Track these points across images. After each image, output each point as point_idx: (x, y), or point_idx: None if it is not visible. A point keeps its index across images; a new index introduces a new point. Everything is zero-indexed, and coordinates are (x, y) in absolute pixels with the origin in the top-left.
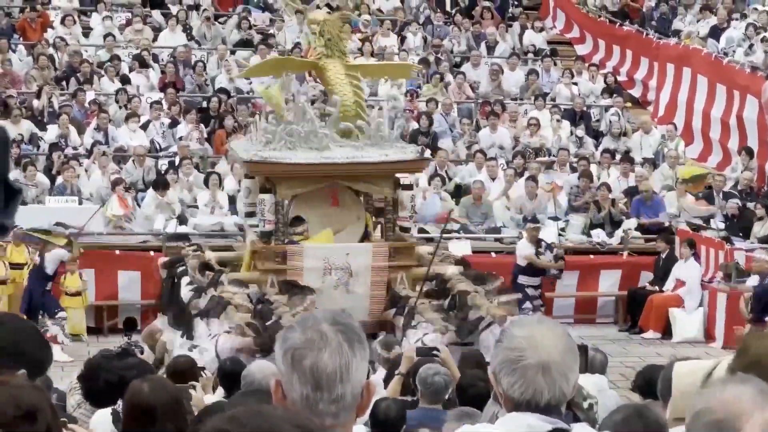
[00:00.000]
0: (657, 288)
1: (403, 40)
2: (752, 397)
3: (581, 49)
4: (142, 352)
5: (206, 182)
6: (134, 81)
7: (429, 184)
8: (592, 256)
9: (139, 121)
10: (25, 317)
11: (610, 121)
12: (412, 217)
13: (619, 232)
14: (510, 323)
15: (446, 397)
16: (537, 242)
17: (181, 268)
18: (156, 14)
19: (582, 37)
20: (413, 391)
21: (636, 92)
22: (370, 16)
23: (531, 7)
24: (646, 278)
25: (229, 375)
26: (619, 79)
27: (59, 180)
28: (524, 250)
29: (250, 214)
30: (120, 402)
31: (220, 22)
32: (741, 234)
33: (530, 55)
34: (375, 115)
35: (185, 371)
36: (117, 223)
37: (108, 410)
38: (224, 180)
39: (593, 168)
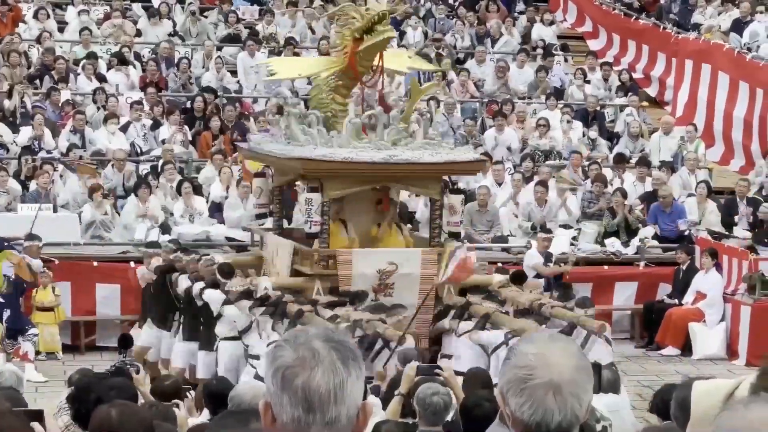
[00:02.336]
0: (676, 301)
1: (402, 34)
2: None
3: (594, 45)
4: (138, 372)
5: (179, 190)
6: (113, 79)
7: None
8: (606, 267)
9: (119, 122)
10: None
11: (626, 122)
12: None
13: (635, 241)
14: (519, 340)
15: (447, 418)
16: (547, 255)
17: (175, 275)
18: (136, 7)
19: (595, 32)
20: (414, 413)
21: (652, 91)
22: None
23: None
24: (664, 291)
25: (216, 395)
26: (635, 76)
27: (32, 186)
28: (533, 260)
29: (261, 216)
30: None
31: (205, 16)
32: (766, 241)
33: (539, 51)
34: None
35: (171, 392)
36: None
37: None
38: (210, 186)
39: (606, 172)
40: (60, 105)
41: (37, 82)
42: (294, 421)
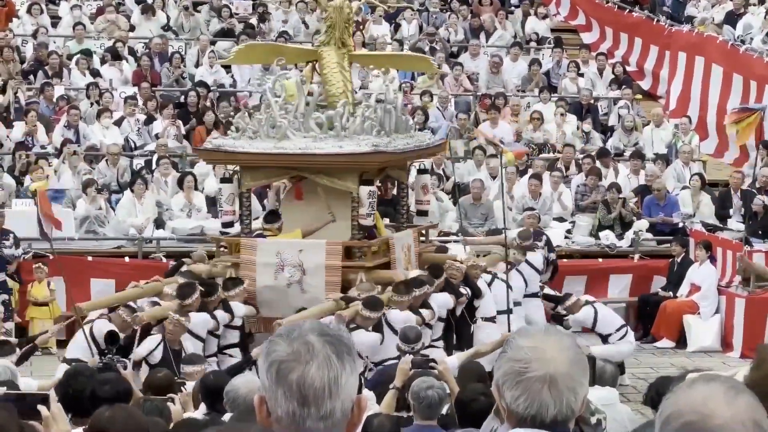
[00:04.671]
0: (670, 294)
1: (396, 28)
2: (722, 394)
3: (587, 38)
4: (125, 368)
5: (180, 184)
6: (106, 74)
7: None
8: (600, 260)
9: (113, 117)
10: None
11: (620, 115)
12: (371, 215)
13: (629, 234)
14: (516, 332)
15: (442, 412)
16: (535, 234)
17: None
18: (129, 2)
19: (588, 25)
20: (408, 407)
21: (645, 84)
22: (361, 2)
23: None
24: (658, 283)
25: (212, 390)
26: (628, 69)
27: (27, 181)
28: None
29: (228, 224)
30: None
31: (198, 11)
32: (761, 233)
33: (533, 44)
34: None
35: (164, 387)
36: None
37: (79, 430)
38: (205, 180)
39: (599, 165)
40: (55, 100)
41: (31, 77)
42: (289, 415)
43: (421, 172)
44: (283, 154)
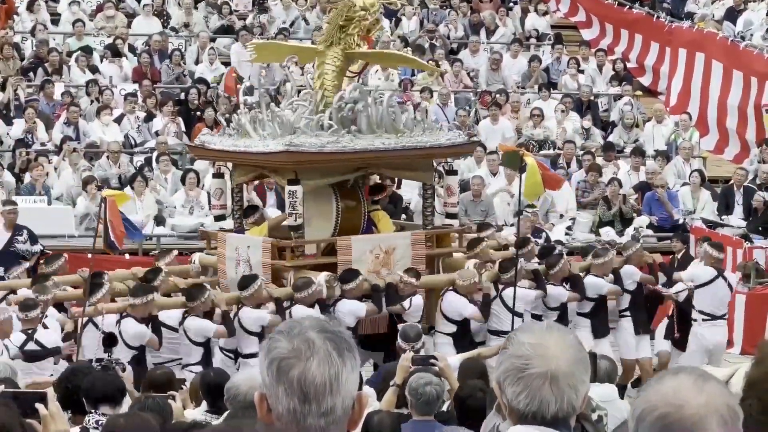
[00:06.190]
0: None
1: (397, 24)
2: (691, 384)
3: (587, 34)
4: (123, 370)
5: (183, 180)
6: (106, 71)
7: None
8: None
9: (112, 114)
10: None
11: (622, 111)
12: (293, 215)
13: (629, 230)
14: (518, 329)
15: (440, 408)
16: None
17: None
18: (130, 0)
19: (588, 21)
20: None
21: (646, 80)
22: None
23: None
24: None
25: (213, 387)
26: (629, 65)
27: (27, 178)
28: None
29: (220, 218)
30: (88, 417)
31: (196, 9)
32: (761, 229)
33: (533, 41)
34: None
35: (164, 383)
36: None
37: (77, 429)
38: (204, 177)
39: (600, 161)
40: (54, 97)
41: (31, 74)
42: (290, 412)
43: (448, 173)
44: (235, 151)
